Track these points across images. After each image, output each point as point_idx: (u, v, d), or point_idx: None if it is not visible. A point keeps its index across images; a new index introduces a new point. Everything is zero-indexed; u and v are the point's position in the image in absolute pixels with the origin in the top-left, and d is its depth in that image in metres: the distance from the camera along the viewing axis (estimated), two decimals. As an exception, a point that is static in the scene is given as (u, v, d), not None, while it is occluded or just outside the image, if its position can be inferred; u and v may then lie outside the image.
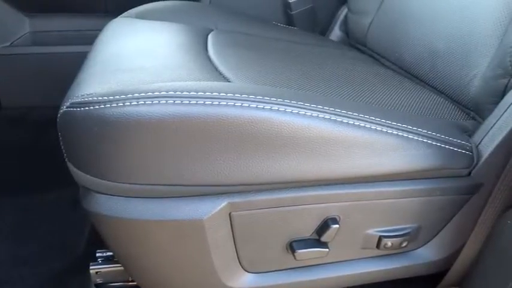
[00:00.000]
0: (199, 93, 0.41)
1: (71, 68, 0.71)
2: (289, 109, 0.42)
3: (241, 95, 0.42)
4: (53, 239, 0.75)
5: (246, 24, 0.84)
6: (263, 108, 0.41)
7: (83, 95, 0.44)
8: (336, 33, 0.98)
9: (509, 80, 0.55)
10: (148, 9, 0.79)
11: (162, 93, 0.41)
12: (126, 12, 0.78)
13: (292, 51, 0.74)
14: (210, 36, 0.69)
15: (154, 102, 0.40)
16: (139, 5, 0.81)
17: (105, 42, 0.61)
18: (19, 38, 0.94)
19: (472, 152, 0.52)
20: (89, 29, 0.97)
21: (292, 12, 0.95)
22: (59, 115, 0.44)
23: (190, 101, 0.40)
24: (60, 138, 0.45)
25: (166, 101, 0.40)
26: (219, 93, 0.42)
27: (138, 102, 0.40)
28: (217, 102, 0.41)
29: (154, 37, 0.63)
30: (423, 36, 0.72)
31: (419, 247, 0.56)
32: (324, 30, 1.01)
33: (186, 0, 0.88)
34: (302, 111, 0.42)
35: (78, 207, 0.47)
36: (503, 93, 0.56)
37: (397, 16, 0.80)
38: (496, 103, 0.56)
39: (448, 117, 0.60)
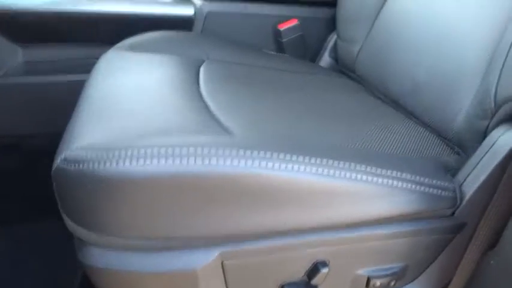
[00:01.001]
0: (190, 150, 0.43)
1: (65, 96, 0.71)
2: (277, 164, 0.43)
3: (230, 150, 0.43)
4: (45, 274, 0.75)
5: (237, 53, 0.85)
6: (252, 164, 0.43)
7: (77, 148, 0.45)
8: (325, 59, 1.00)
9: (489, 122, 0.57)
10: (143, 40, 0.80)
11: (155, 150, 0.42)
12: (120, 43, 0.79)
13: (283, 82, 0.76)
14: (202, 69, 0.71)
15: (146, 162, 0.41)
16: (133, 34, 0.82)
17: (100, 80, 0.62)
18: (12, 68, 0.95)
19: (455, 192, 0.54)
20: (83, 58, 0.98)
21: (283, 40, 0.97)
22: (53, 168, 0.45)
23: (181, 160, 0.42)
24: (55, 190, 0.46)
25: (159, 160, 0.41)
26: (210, 149, 0.43)
27: (131, 162, 0.41)
28: (207, 161, 0.42)
29: (147, 73, 0.65)
30: (407, 66, 0.74)
31: (407, 284, 0.58)
32: (314, 57, 1.02)
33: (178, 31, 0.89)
34: (289, 165, 0.44)
35: (71, 243, 0.47)
36: (485, 134, 0.57)
37: (383, 45, 0.82)
38: (479, 142, 0.57)
39: (433, 153, 0.62)
